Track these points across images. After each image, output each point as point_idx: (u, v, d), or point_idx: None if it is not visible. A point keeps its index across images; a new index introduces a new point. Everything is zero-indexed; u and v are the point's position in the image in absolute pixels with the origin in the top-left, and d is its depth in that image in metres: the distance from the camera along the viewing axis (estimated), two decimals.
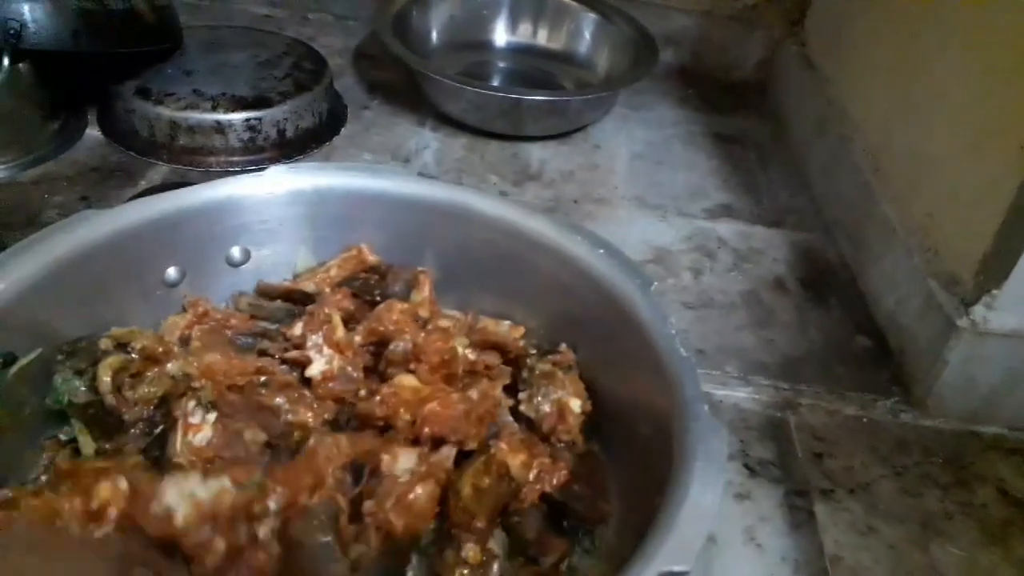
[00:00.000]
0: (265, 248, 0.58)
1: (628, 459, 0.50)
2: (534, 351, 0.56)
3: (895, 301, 0.72)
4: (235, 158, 0.83)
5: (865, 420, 0.66)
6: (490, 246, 0.57)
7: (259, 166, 0.83)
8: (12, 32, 0.72)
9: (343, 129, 0.92)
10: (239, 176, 0.56)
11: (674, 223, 0.85)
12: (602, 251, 0.53)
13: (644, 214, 0.86)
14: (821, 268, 0.81)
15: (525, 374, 0.54)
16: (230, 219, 0.56)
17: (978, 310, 0.62)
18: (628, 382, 0.51)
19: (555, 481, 0.48)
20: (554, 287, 0.55)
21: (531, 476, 0.47)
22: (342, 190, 0.58)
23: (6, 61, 0.72)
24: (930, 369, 0.65)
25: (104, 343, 0.50)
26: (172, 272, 0.55)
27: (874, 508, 0.59)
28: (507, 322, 0.57)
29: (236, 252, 0.57)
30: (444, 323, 0.54)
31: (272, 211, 0.57)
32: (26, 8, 0.72)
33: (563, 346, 0.55)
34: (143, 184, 0.79)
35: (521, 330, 0.56)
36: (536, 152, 0.93)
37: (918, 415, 0.66)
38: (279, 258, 0.58)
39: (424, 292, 0.56)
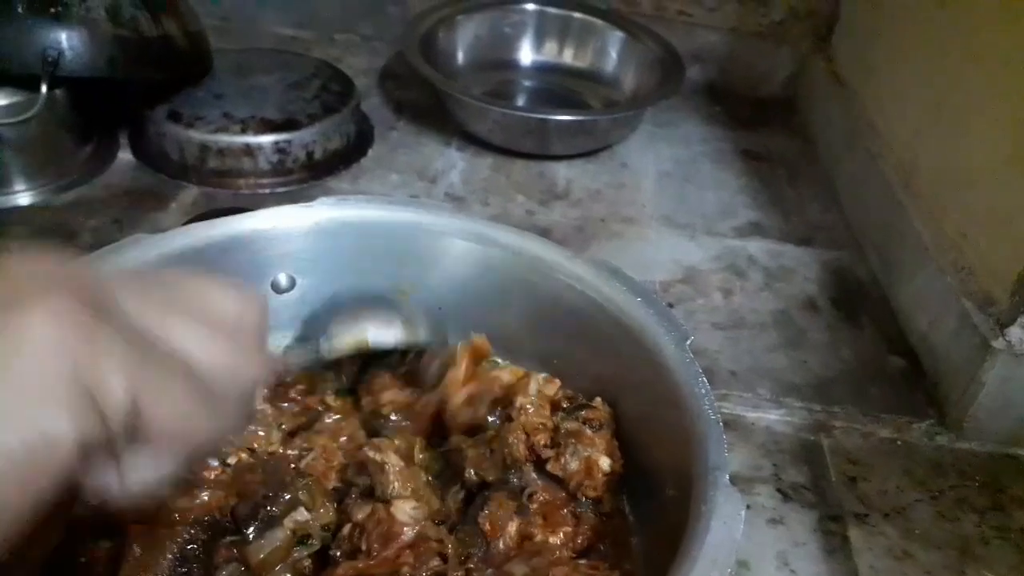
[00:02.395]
0: (310, 277, 0.58)
1: (655, 520, 0.48)
2: (567, 403, 0.54)
3: (928, 321, 0.71)
4: (264, 180, 0.84)
5: (900, 443, 0.65)
6: (531, 288, 0.56)
7: (288, 187, 0.84)
8: (50, 60, 0.73)
9: (370, 150, 0.93)
10: (287, 206, 0.57)
11: (703, 242, 0.85)
12: (640, 300, 0.52)
13: (672, 233, 0.86)
14: (852, 287, 0.81)
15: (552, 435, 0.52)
16: (277, 247, 0.56)
17: (1014, 331, 0.62)
18: (658, 439, 0.50)
19: (579, 543, 0.47)
20: (592, 335, 0.54)
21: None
22: (389, 224, 0.57)
23: (44, 88, 0.74)
24: (965, 391, 0.64)
25: None
26: None
27: (910, 533, 0.58)
28: (541, 375, 0.56)
29: (282, 279, 0.58)
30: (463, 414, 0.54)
31: (318, 242, 0.57)
32: (64, 36, 0.74)
33: (597, 400, 0.54)
34: (174, 207, 0.80)
35: (556, 386, 0.55)
36: (563, 171, 0.93)
37: (954, 438, 0.65)
38: (324, 287, 0.58)
39: (458, 373, 0.55)
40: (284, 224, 0.56)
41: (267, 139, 0.83)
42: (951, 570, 0.56)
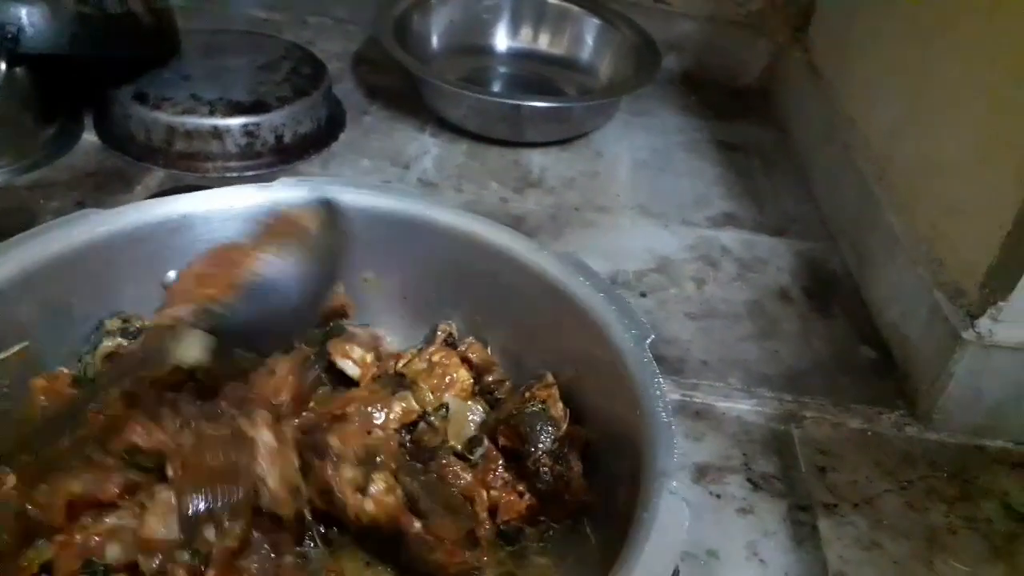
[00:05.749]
0: None
1: (610, 517, 0.48)
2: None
3: (900, 312, 0.71)
4: (232, 163, 0.83)
5: (869, 433, 0.65)
6: (495, 279, 0.56)
7: (256, 171, 0.83)
8: (9, 36, 0.71)
9: (342, 135, 0.91)
10: (246, 185, 0.56)
11: (677, 231, 0.84)
12: (602, 295, 0.51)
13: (647, 222, 0.85)
14: (825, 278, 0.81)
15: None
16: (234, 228, 0.54)
17: (984, 322, 0.62)
18: (613, 438, 0.50)
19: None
20: (554, 329, 0.54)
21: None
22: (352, 208, 0.55)
23: (3, 66, 0.72)
24: (935, 382, 0.65)
25: (111, 324, 0.52)
26: (172, 276, 0.55)
27: (878, 523, 0.58)
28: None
29: None
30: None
31: None
32: (23, 12, 0.72)
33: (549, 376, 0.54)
34: (139, 189, 0.79)
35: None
36: (537, 159, 0.93)
37: (923, 428, 0.66)
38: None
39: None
40: (242, 204, 0.55)
41: (235, 122, 0.81)
42: (919, 560, 0.56)
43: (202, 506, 0.42)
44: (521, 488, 0.50)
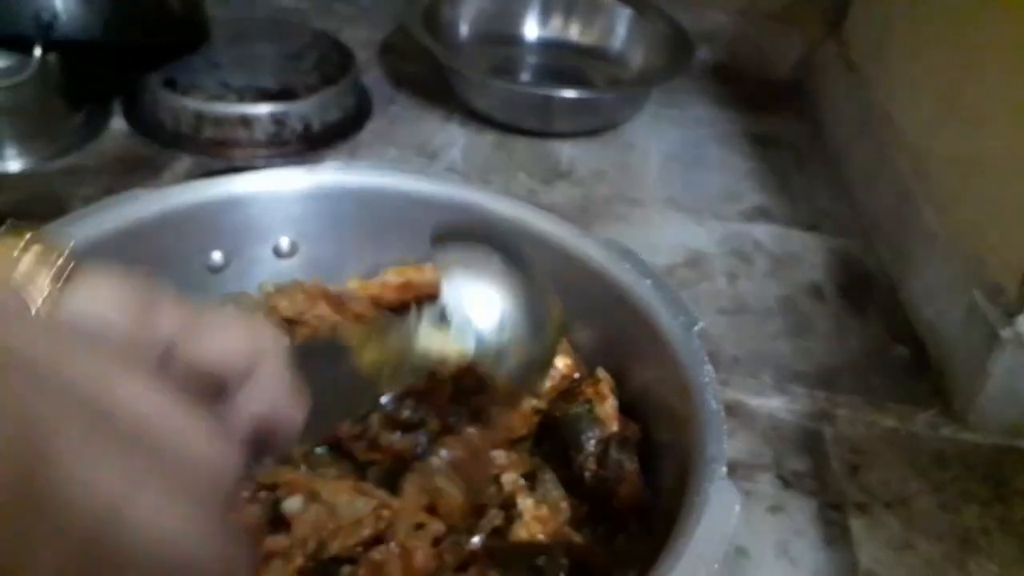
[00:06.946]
0: (314, 243, 0.57)
1: (652, 506, 0.47)
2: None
3: (936, 311, 0.70)
4: (260, 151, 0.83)
5: (903, 433, 0.64)
6: (539, 265, 0.55)
7: (284, 159, 0.83)
8: (44, 23, 0.71)
9: (369, 124, 0.91)
10: (293, 167, 0.55)
11: (708, 225, 0.83)
12: (649, 282, 0.51)
13: (678, 216, 0.84)
14: (859, 275, 0.79)
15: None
16: (280, 209, 0.55)
17: (1022, 321, 0.60)
18: (659, 425, 0.49)
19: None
20: (599, 316, 0.53)
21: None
22: (399, 193, 0.56)
23: (37, 52, 0.72)
24: (971, 381, 0.63)
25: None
26: (217, 257, 0.54)
27: (911, 523, 0.57)
28: None
29: (284, 244, 0.56)
30: None
31: (324, 207, 0.55)
32: None
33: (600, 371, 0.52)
34: (167, 176, 0.79)
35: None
36: (566, 150, 0.92)
37: (958, 428, 0.64)
38: (326, 253, 0.57)
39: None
40: (289, 186, 0.55)
41: (263, 109, 0.81)
42: (952, 561, 0.55)
43: None
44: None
